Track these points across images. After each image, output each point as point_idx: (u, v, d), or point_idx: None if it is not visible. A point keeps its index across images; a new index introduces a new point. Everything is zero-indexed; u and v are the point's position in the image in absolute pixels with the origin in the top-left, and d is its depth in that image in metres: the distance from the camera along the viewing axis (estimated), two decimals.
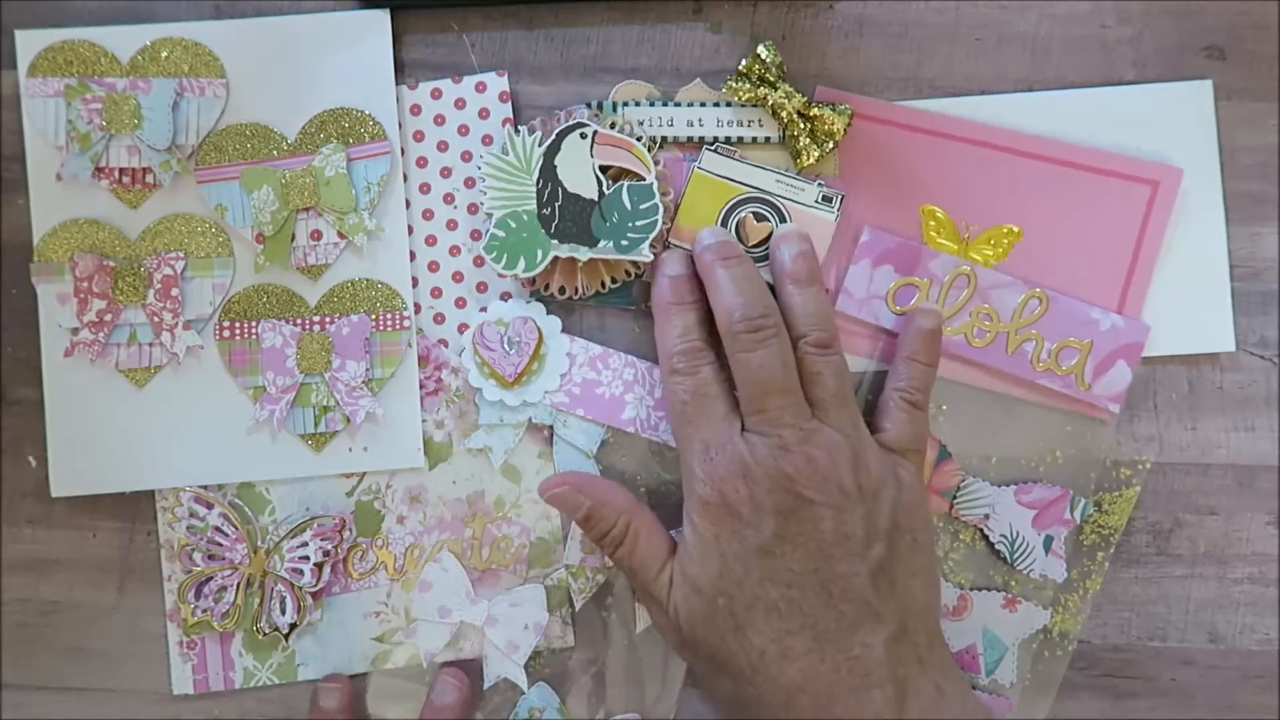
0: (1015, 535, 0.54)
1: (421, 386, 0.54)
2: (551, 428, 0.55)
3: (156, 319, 0.53)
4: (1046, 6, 0.55)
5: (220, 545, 0.54)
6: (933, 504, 0.54)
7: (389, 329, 0.54)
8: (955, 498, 0.54)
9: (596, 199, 0.52)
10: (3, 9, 0.55)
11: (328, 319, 0.54)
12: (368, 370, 0.53)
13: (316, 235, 0.54)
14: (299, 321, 0.54)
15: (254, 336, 0.54)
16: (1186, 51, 0.55)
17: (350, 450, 0.54)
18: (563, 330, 0.55)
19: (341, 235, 0.54)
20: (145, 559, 0.55)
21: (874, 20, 0.55)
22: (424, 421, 0.54)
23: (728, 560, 0.47)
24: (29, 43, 0.53)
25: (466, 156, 0.55)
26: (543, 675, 0.54)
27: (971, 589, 0.55)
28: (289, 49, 0.54)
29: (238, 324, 0.54)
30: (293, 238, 0.54)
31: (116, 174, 0.53)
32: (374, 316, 0.54)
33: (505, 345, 0.54)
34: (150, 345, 0.54)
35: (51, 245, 0.54)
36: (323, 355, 0.53)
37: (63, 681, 0.55)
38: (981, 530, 0.55)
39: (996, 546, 0.54)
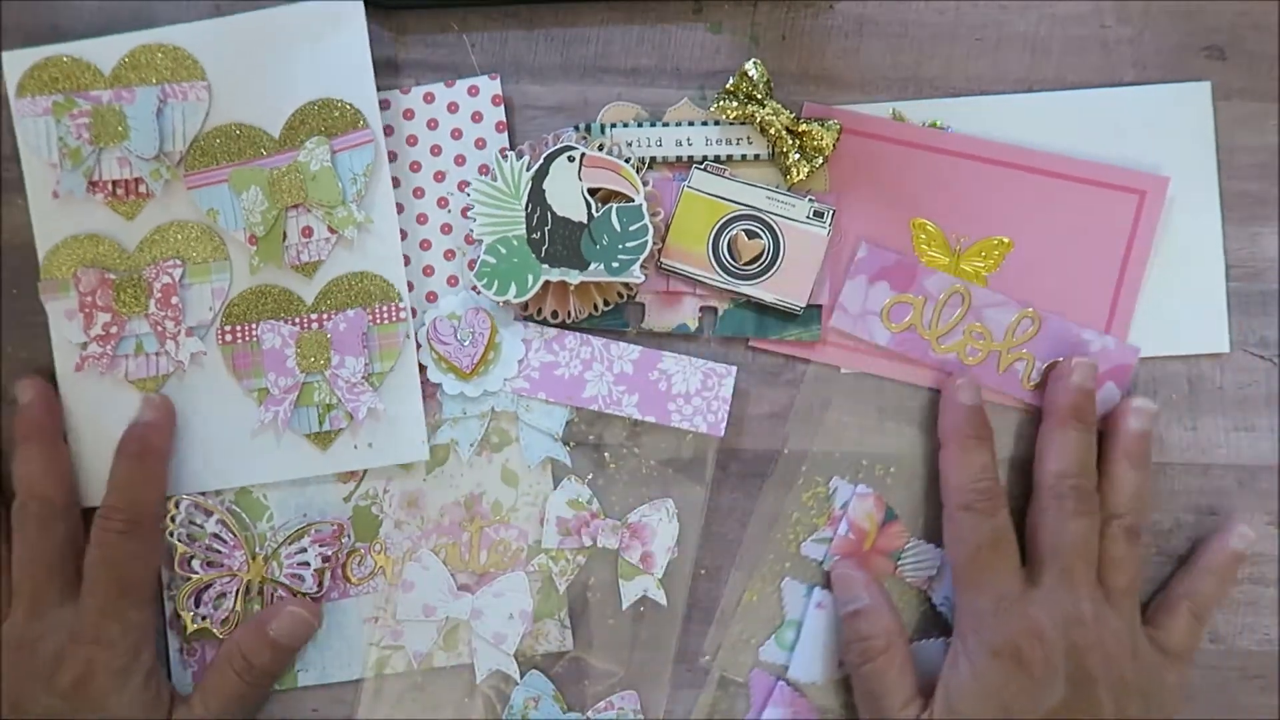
0: None
1: None
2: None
3: (159, 328, 0.54)
4: (1046, 6, 0.55)
5: (219, 552, 0.54)
6: (878, 565, 0.55)
7: (386, 321, 0.54)
8: (900, 559, 0.55)
9: (586, 222, 0.52)
10: (2, 9, 0.55)
11: (325, 316, 0.54)
12: (367, 365, 0.54)
13: (308, 232, 0.54)
14: (297, 320, 0.54)
15: (255, 339, 0.54)
16: (1186, 51, 0.55)
17: (355, 448, 0.54)
18: None
19: (332, 230, 0.54)
20: None
21: (874, 20, 0.55)
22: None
23: (1012, 711, 0.48)
24: (15, 63, 0.54)
25: (460, 160, 0.55)
26: (534, 664, 0.55)
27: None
28: (265, 44, 0.54)
29: (239, 327, 0.54)
30: (284, 236, 0.54)
31: (110, 187, 0.54)
32: (370, 310, 0.54)
33: (459, 338, 0.54)
34: (156, 355, 0.54)
35: (55, 262, 0.54)
36: (322, 353, 0.54)
37: None
38: (926, 593, 0.55)
39: (939, 608, 0.55)
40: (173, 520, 0.54)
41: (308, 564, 0.54)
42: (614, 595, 0.55)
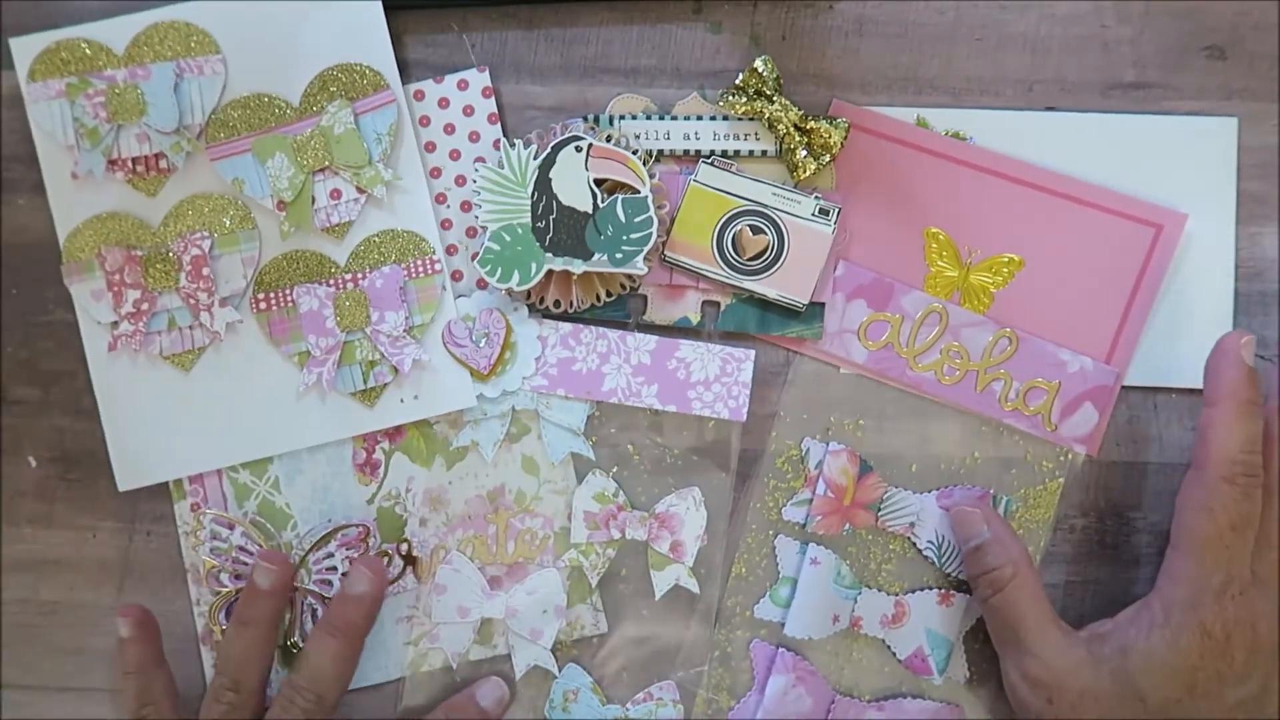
0: (941, 539, 0.55)
1: None
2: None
3: (192, 301, 0.54)
4: (1046, 6, 0.56)
5: (246, 564, 0.54)
6: (859, 518, 0.56)
7: (422, 275, 0.55)
8: (880, 510, 0.55)
9: (591, 212, 0.53)
10: (2, 9, 0.56)
11: (360, 275, 0.55)
12: (407, 318, 0.55)
13: (336, 194, 0.55)
14: (332, 282, 0.55)
15: (290, 303, 0.55)
16: (1186, 51, 0.56)
17: (402, 401, 0.55)
18: None
19: (360, 190, 0.55)
20: (145, 559, 0.56)
21: (874, 20, 0.57)
22: (437, 424, 0.56)
23: (1196, 692, 0.48)
24: (24, 49, 0.54)
25: (455, 155, 0.56)
26: (571, 657, 0.56)
27: (906, 594, 0.56)
28: (277, 14, 0.55)
29: (272, 294, 0.55)
30: (313, 200, 0.55)
31: (130, 164, 0.54)
32: (405, 265, 0.55)
33: (474, 339, 0.55)
34: (190, 328, 0.55)
35: (77, 244, 0.55)
36: (360, 311, 0.54)
37: (63, 681, 0.56)
38: (910, 539, 0.56)
39: (925, 553, 0.55)
40: (197, 536, 0.54)
41: (335, 569, 0.54)
42: (647, 586, 0.55)
